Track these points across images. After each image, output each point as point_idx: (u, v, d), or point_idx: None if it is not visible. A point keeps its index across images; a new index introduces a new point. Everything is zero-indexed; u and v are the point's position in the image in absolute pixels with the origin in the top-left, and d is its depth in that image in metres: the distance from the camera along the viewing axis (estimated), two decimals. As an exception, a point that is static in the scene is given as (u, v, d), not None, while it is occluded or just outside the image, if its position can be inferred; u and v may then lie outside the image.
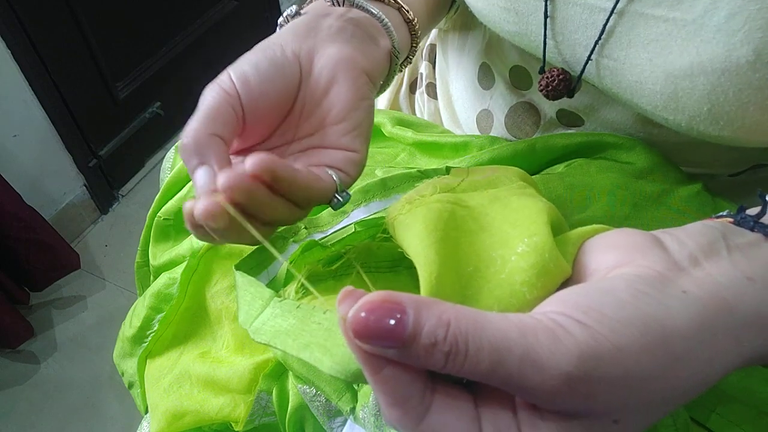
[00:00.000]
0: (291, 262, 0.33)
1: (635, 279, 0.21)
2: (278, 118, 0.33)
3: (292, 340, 0.25)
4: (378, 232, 0.34)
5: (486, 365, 0.18)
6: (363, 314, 0.19)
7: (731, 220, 0.26)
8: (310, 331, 0.25)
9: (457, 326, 0.19)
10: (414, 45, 0.40)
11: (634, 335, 0.19)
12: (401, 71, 0.40)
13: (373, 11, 0.36)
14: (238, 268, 0.32)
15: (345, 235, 0.34)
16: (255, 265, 0.33)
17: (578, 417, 0.19)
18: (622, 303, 0.20)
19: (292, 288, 0.30)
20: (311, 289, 0.25)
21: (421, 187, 0.30)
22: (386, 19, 0.37)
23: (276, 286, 0.34)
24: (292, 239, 0.35)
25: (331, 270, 0.33)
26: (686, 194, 0.40)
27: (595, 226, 0.27)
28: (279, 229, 0.48)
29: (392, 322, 0.18)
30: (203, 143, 0.29)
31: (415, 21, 0.39)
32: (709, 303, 0.21)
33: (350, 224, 0.35)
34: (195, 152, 0.29)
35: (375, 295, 0.19)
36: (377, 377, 0.19)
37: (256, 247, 0.33)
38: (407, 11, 0.39)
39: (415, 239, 0.25)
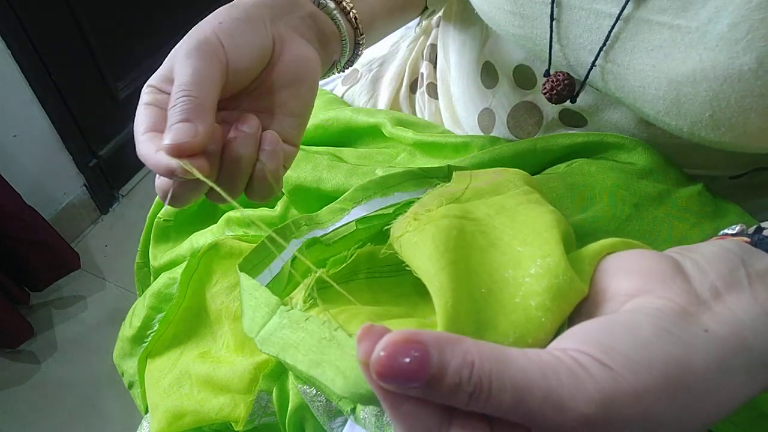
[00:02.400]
0: (294, 259, 0.33)
1: (658, 315, 0.21)
2: (239, 88, 0.34)
3: (302, 356, 0.25)
4: (380, 228, 0.34)
5: (508, 404, 0.19)
6: (385, 354, 0.18)
7: (748, 240, 0.26)
8: (321, 347, 0.25)
9: (480, 366, 0.19)
10: (356, 54, 0.44)
11: (656, 378, 0.19)
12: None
13: (340, 26, 0.40)
14: (241, 267, 0.31)
15: (346, 233, 0.34)
16: (258, 263, 0.33)
17: None
18: (644, 343, 0.20)
19: (299, 296, 0.30)
20: (321, 303, 0.25)
21: (426, 199, 0.30)
22: (346, 36, 0.40)
23: (279, 284, 0.34)
24: (292, 236, 0.35)
25: (337, 274, 0.33)
26: (687, 194, 0.40)
27: (610, 241, 0.26)
28: (278, 212, 0.48)
29: (415, 363, 0.18)
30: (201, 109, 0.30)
31: (362, 38, 0.42)
32: (729, 342, 0.21)
33: (351, 222, 0.35)
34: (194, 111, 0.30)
35: (397, 335, 0.19)
36: (397, 413, 0.19)
37: (257, 244, 0.33)
38: (361, 35, 0.42)
39: (427, 262, 0.25)
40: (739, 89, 0.30)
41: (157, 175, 0.31)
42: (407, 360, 0.18)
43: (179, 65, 0.32)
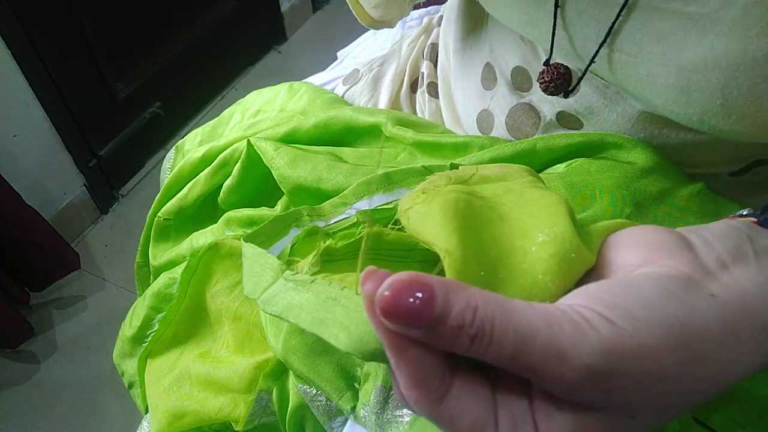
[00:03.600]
0: (294, 245, 0.33)
1: (663, 278, 0.21)
2: None
3: (305, 314, 0.25)
4: (383, 225, 0.34)
5: (509, 351, 0.18)
6: (390, 293, 0.18)
7: (755, 220, 0.26)
8: (326, 306, 0.24)
9: (484, 310, 0.19)
10: None
11: (659, 335, 0.19)
12: None
13: None
14: (246, 240, 0.31)
15: (347, 225, 0.34)
16: (264, 240, 0.33)
17: (595, 410, 0.19)
18: (648, 302, 0.20)
19: (305, 262, 0.30)
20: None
21: (434, 178, 0.30)
22: None
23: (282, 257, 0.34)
24: (294, 224, 0.34)
25: (345, 248, 0.33)
26: (688, 193, 0.40)
27: (620, 220, 0.27)
28: (279, 212, 0.48)
29: (420, 303, 0.18)
30: None
31: None
32: (734, 307, 0.21)
33: (352, 215, 0.35)
34: None
35: (403, 275, 0.19)
36: (401, 358, 0.19)
37: (258, 227, 0.33)
38: None
39: (436, 227, 0.25)
40: (751, 76, 0.30)
41: None
42: (411, 300, 0.18)
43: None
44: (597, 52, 0.36)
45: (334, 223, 0.35)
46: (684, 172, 0.42)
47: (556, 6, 0.36)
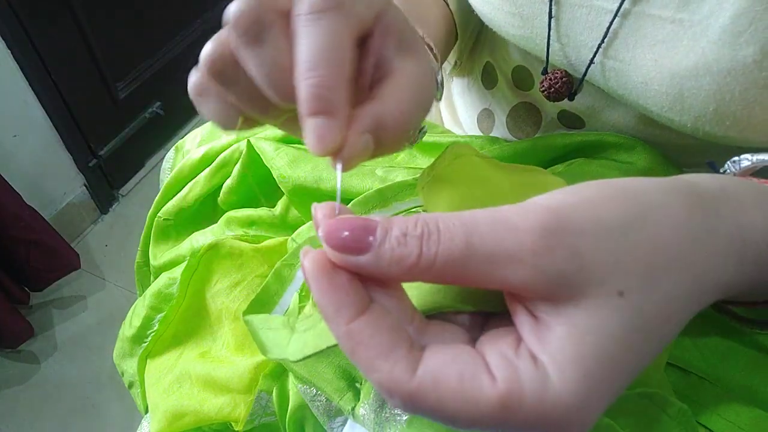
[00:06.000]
0: (302, 292, 0.33)
1: None
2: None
3: (323, 342, 0.25)
4: None
5: (460, 240, 0.18)
6: (337, 222, 0.19)
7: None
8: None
9: (424, 216, 0.19)
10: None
11: (593, 190, 0.20)
12: None
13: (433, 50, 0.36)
14: (246, 313, 0.31)
15: None
16: (266, 302, 0.33)
17: (578, 300, 0.18)
18: (579, 184, 0.21)
19: (308, 304, 0.30)
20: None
21: (458, 148, 0.31)
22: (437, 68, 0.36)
23: (292, 316, 0.34)
24: (298, 265, 0.34)
25: None
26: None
27: None
28: (279, 212, 0.48)
29: (362, 221, 0.19)
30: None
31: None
32: (673, 180, 0.22)
33: None
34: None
35: (346, 215, 0.20)
36: (351, 326, 0.18)
37: (261, 288, 0.33)
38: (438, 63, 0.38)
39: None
40: (742, 82, 0.30)
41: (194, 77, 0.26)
42: (356, 222, 0.19)
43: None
44: (592, 59, 0.36)
45: None
46: (684, 172, 0.42)
47: (550, 17, 0.36)
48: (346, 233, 0.19)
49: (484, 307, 0.22)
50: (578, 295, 0.18)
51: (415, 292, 0.23)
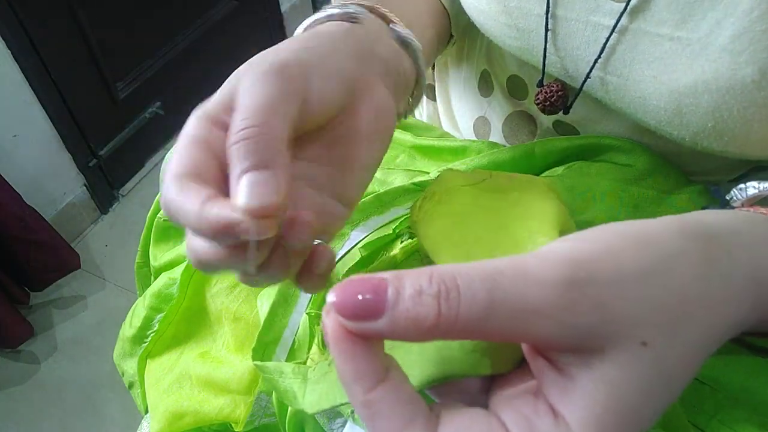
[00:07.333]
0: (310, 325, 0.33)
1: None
2: (306, 131, 0.27)
3: (338, 393, 0.26)
4: (382, 249, 0.35)
5: (482, 298, 0.17)
6: (345, 287, 0.18)
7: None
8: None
9: (439, 271, 0.18)
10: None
11: (610, 236, 0.20)
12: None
13: (420, 70, 0.35)
14: (255, 357, 0.31)
15: (352, 264, 0.34)
16: (270, 342, 0.33)
17: (603, 351, 0.18)
18: (594, 230, 0.21)
19: (314, 351, 0.31)
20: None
21: (448, 174, 0.31)
22: (422, 84, 0.35)
23: (300, 351, 0.34)
24: (294, 305, 0.35)
25: None
26: (687, 196, 0.40)
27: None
28: (285, 291, 0.49)
29: (372, 285, 0.17)
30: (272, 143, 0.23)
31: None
32: (687, 223, 0.22)
33: (353, 248, 0.35)
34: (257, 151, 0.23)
35: (353, 276, 0.18)
36: (370, 397, 0.18)
37: (264, 321, 0.34)
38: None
39: (433, 245, 0.26)
40: (741, 100, 0.30)
41: (191, 236, 0.24)
42: (366, 285, 0.17)
43: (247, 91, 0.24)
44: (588, 74, 0.36)
45: (338, 262, 0.35)
46: (683, 174, 0.42)
47: (546, 30, 0.37)
48: (358, 297, 0.17)
49: (493, 371, 0.22)
50: (603, 346, 0.18)
51: (417, 358, 0.22)
